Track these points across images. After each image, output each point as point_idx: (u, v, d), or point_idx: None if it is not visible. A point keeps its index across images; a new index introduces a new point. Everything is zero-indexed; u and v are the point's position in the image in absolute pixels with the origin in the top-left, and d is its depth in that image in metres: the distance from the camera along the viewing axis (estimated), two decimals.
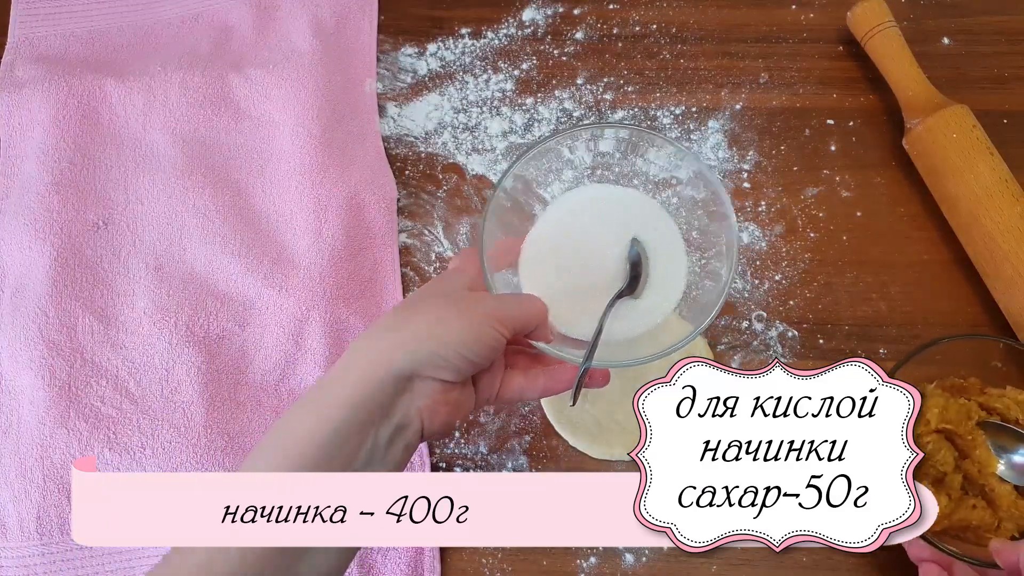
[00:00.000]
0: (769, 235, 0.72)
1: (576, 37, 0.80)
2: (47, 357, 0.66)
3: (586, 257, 0.55)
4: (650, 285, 0.55)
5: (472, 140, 0.77)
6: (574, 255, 0.56)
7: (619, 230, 0.56)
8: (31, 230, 0.71)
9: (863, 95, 0.77)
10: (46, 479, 0.64)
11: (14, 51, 0.80)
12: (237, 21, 0.81)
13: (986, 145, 0.69)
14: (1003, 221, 0.65)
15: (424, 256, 0.73)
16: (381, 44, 0.81)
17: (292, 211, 0.72)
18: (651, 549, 0.63)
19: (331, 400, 0.44)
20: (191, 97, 0.76)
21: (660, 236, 0.57)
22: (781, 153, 0.75)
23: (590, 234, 0.56)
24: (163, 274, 0.70)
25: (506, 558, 0.63)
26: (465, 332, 0.45)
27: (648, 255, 0.55)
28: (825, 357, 0.68)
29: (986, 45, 0.79)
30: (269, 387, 0.67)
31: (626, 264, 0.55)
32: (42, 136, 0.74)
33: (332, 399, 0.44)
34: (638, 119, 0.77)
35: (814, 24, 0.80)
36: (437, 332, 0.45)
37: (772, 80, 0.78)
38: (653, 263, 0.55)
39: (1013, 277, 0.65)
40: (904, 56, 0.73)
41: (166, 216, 0.72)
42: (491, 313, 0.46)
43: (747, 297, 0.70)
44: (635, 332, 0.54)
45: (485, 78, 0.79)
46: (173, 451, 0.64)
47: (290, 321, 0.68)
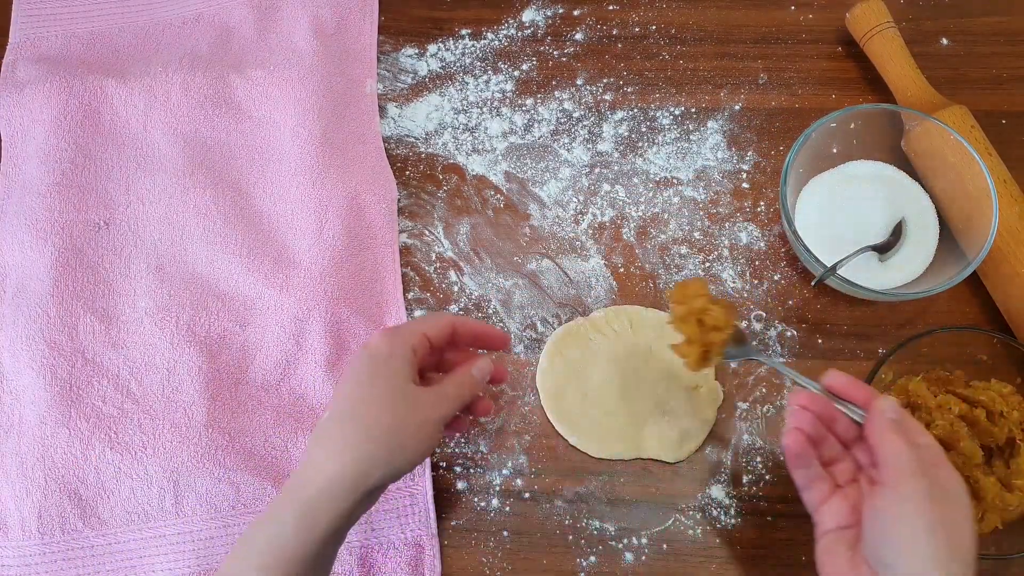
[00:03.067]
0: (768, 235, 0.72)
1: (576, 38, 0.81)
2: (48, 357, 0.67)
3: (855, 213, 0.69)
4: (900, 253, 0.68)
5: (472, 141, 0.77)
6: (847, 207, 0.69)
7: (890, 201, 0.69)
8: (33, 230, 0.71)
9: (862, 96, 0.77)
10: (47, 478, 0.64)
11: (15, 51, 0.81)
12: (238, 22, 0.81)
13: (985, 145, 0.69)
14: (1001, 221, 0.65)
15: (424, 256, 0.73)
16: (382, 45, 0.81)
17: (293, 211, 0.72)
18: (651, 548, 0.63)
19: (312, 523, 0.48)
20: (192, 98, 0.76)
21: (920, 215, 0.69)
22: (780, 153, 0.75)
23: (867, 197, 0.69)
24: (164, 274, 0.70)
25: (506, 557, 0.64)
26: (420, 449, 0.51)
27: (907, 230, 0.68)
28: (824, 357, 0.69)
29: (985, 46, 0.79)
30: (270, 386, 0.67)
31: (888, 228, 0.68)
32: (43, 136, 0.74)
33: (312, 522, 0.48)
34: (637, 120, 0.77)
35: (813, 25, 0.80)
36: (396, 459, 0.50)
37: (771, 81, 0.78)
38: (908, 236, 0.68)
39: (1011, 276, 0.66)
40: (903, 57, 0.74)
41: (167, 216, 0.73)
42: (439, 419, 0.52)
43: (746, 297, 0.70)
44: (873, 284, 0.65)
45: (485, 79, 0.79)
46: (174, 450, 0.64)
47: (291, 321, 0.68)
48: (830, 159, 0.71)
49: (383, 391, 0.51)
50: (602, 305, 0.71)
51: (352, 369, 0.53)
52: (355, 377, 0.52)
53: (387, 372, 0.52)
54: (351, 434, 0.50)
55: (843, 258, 0.64)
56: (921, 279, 0.68)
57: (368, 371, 0.52)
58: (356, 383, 0.52)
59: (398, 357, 0.52)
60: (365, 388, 0.51)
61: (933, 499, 0.46)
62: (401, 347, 0.53)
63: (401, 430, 0.50)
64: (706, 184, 0.74)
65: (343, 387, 0.53)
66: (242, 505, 0.64)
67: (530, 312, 0.71)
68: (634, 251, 0.72)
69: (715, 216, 0.73)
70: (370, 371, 0.52)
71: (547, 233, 0.73)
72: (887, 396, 0.51)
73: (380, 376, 0.52)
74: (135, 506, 0.64)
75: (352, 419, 0.50)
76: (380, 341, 0.53)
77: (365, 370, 0.52)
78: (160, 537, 0.63)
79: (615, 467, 0.66)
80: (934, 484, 0.47)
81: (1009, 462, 0.61)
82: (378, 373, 0.52)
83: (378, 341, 0.53)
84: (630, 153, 0.76)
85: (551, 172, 0.76)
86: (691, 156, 0.75)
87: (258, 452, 0.65)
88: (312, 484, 0.49)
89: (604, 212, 0.74)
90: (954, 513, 0.47)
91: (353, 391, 0.52)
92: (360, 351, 0.54)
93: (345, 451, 0.49)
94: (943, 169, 0.68)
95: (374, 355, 0.52)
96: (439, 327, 0.55)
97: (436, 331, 0.55)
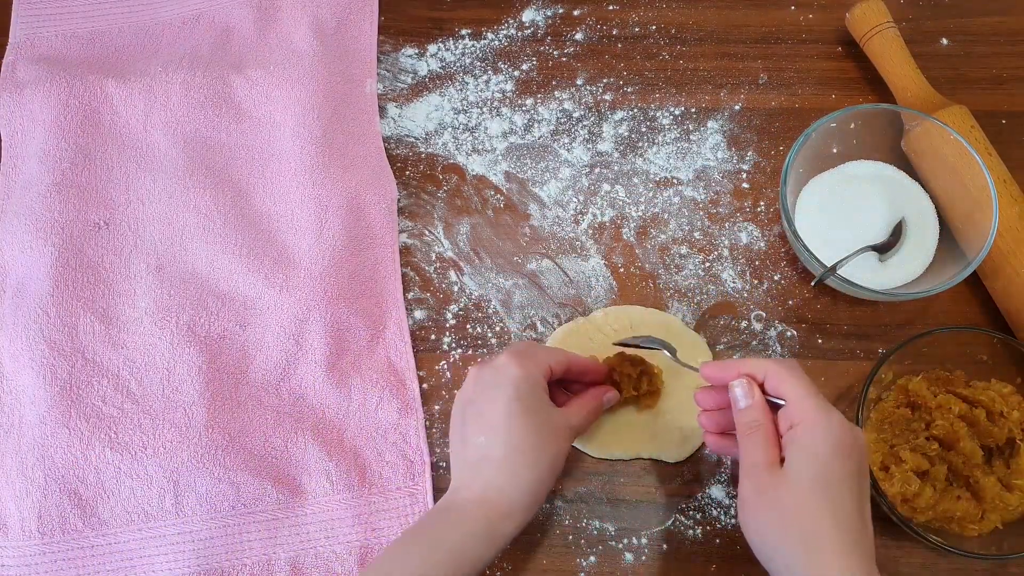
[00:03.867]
0: (768, 235, 0.72)
1: (576, 38, 0.81)
2: (48, 357, 0.67)
3: (855, 213, 0.69)
4: (900, 253, 0.68)
5: (472, 141, 0.77)
6: (847, 207, 0.69)
7: (890, 201, 0.69)
8: (33, 230, 0.71)
9: (862, 96, 0.77)
10: (47, 478, 0.64)
11: (15, 51, 0.81)
12: (238, 22, 0.81)
13: (984, 145, 0.69)
14: (1002, 221, 0.65)
15: (424, 256, 0.73)
16: (381, 45, 0.81)
17: (293, 211, 0.72)
18: (651, 548, 0.63)
19: (499, 535, 0.55)
20: (192, 98, 0.76)
21: (920, 215, 0.69)
22: (780, 153, 0.75)
23: (867, 197, 0.69)
24: (164, 274, 0.70)
25: (506, 556, 0.64)
26: (554, 476, 0.57)
27: (907, 230, 0.68)
28: (824, 357, 0.69)
29: (985, 46, 0.79)
30: (270, 386, 0.67)
31: (888, 228, 0.68)
32: (43, 136, 0.74)
33: (499, 534, 0.55)
34: (637, 120, 0.77)
35: (813, 25, 0.80)
36: (554, 482, 0.57)
37: (771, 81, 0.78)
38: (908, 236, 0.68)
39: (1012, 277, 0.66)
40: (903, 57, 0.74)
41: (167, 216, 0.73)
42: (570, 436, 0.59)
43: (746, 297, 0.70)
44: (873, 283, 0.66)
45: (485, 79, 0.79)
46: (174, 450, 0.64)
47: (291, 321, 0.68)
48: (830, 159, 0.71)
49: (537, 427, 0.56)
50: (602, 305, 0.71)
51: (500, 397, 0.56)
52: (507, 409, 0.56)
53: (534, 405, 0.57)
54: (519, 469, 0.55)
55: (843, 258, 0.64)
56: (921, 279, 0.68)
57: (519, 406, 0.56)
58: (510, 416, 0.56)
59: (538, 387, 0.57)
60: (520, 421, 0.56)
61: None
62: (537, 376, 0.57)
63: (557, 461, 0.57)
64: (706, 184, 0.74)
65: (494, 414, 0.56)
66: (242, 505, 0.64)
67: (530, 312, 0.71)
68: (634, 251, 0.72)
69: (715, 216, 0.73)
70: (521, 407, 0.56)
71: (547, 233, 0.73)
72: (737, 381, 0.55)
73: (531, 413, 0.56)
74: (135, 506, 0.64)
75: (519, 454, 0.55)
76: (518, 370, 0.57)
77: (516, 405, 0.56)
78: (160, 537, 0.63)
79: (615, 467, 0.66)
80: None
81: (1009, 462, 0.61)
82: (528, 409, 0.56)
83: (516, 370, 0.57)
84: (630, 153, 0.76)
85: (551, 172, 0.76)
86: (691, 156, 0.76)
87: (258, 452, 0.65)
88: (498, 506, 0.55)
89: (604, 212, 0.74)
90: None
91: (512, 425, 0.56)
92: (495, 374, 0.57)
93: (520, 483, 0.55)
94: (943, 169, 0.68)
95: (518, 387, 0.56)
96: (560, 363, 0.60)
97: (558, 367, 0.60)
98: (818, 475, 0.49)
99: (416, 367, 0.69)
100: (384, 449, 0.66)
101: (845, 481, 0.49)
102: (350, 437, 0.66)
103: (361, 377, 0.68)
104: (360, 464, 0.65)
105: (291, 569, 0.63)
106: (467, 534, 0.54)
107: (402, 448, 0.66)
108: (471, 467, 0.57)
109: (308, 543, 0.63)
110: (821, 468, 0.49)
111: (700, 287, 0.71)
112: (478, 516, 0.54)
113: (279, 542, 0.63)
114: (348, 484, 0.64)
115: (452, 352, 0.70)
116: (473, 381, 0.59)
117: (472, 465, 0.57)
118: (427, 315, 0.71)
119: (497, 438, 0.56)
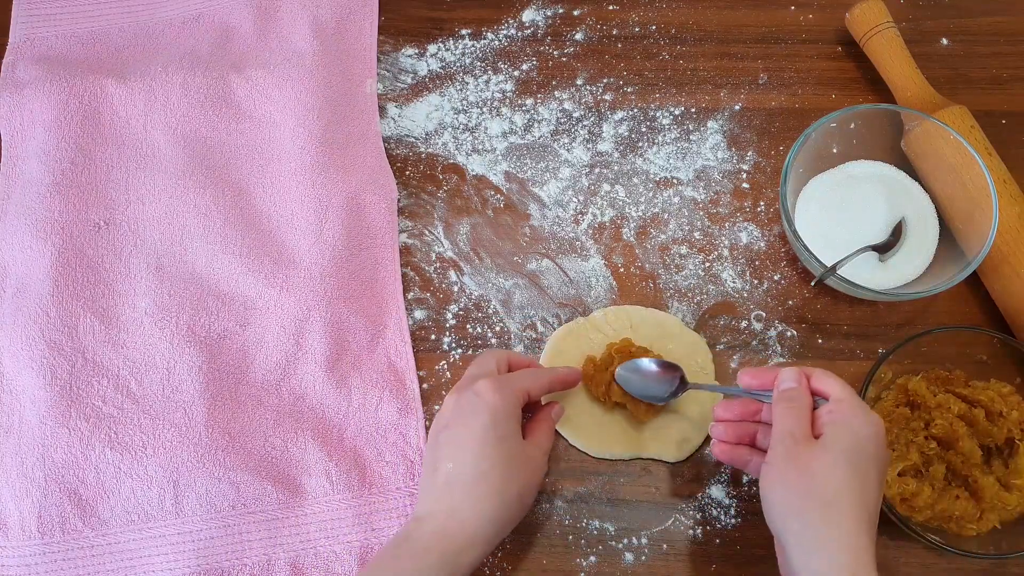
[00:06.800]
0: (768, 235, 0.73)
1: (576, 38, 0.81)
2: (48, 357, 0.67)
3: (855, 213, 0.69)
4: (900, 253, 0.68)
5: (472, 141, 0.77)
6: (847, 207, 0.69)
7: (890, 201, 0.69)
8: (33, 230, 0.71)
9: (862, 96, 0.77)
10: (47, 478, 0.64)
11: (15, 51, 0.81)
12: (238, 22, 0.81)
13: (984, 145, 0.69)
14: (1002, 221, 0.65)
15: (424, 256, 0.73)
16: (381, 45, 0.81)
17: (293, 211, 0.72)
18: (651, 548, 0.63)
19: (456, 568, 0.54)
20: (192, 98, 0.76)
21: (920, 215, 0.69)
22: (780, 153, 0.75)
23: (867, 197, 0.69)
24: (164, 274, 0.70)
25: (506, 556, 0.64)
26: (533, 500, 0.59)
27: (907, 230, 0.68)
28: (824, 357, 0.69)
29: (985, 46, 0.79)
30: (270, 386, 0.67)
31: (888, 228, 0.68)
32: (43, 136, 0.74)
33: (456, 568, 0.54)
34: (637, 120, 0.77)
35: (813, 25, 0.80)
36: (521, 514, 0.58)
37: (771, 81, 0.78)
38: (908, 236, 0.68)
39: (1011, 277, 0.66)
40: (903, 57, 0.74)
41: (167, 216, 0.73)
42: (544, 463, 0.60)
43: (746, 297, 0.70)
44: (873, 283, 0.66)
45: (485, 79, 0.79)
46: (174, 450, 0.64)
47: (291, 321, 0.68)
48: (830, 159, 0.71)
49: (508, 456, 0.56)
50: (602, 305, 0.71)
51: (474, 424, 0.56)
52: (481, 435, 0.56)
53: (506, 434, 0.57)
54: (484, 497, 0.55)
55: (843, 258, 0.65)
56: (921, 279, 0.68)
57: (493, 434, 0.56)
58: (482, 443, 0.56)
59: (513, 418, 0.58)
60: (491, 449, 0.56)
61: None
62: (514, 406, 0.58)
63: (525, 493, 0.57)
64: (706, 184, 0.74)
65: (467, 439, 0.56)
66: (242, 505, 0.64)
67: (530, 312, 0.71)
68: (634, 251, 0.72)
69: (715, 216, 0.73)
70: (495, 434, 0.56)
71: (547, 233, 0.73)
72: (788, 369, 0.56)
73: (503, 440, 0.56)
74: (135, 506, 0.64)
75: (486, 481, 0.55)
76: (495, 398, 0.57)
77: (490, 433, 0.56)
78: (160, 537, 0.63)
79: (615, 467, 0.66)
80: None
81: (1008, 462, 0.61)
82: (501, 437, 0.56)
83: (494, 398, 0.57)
84: (630, 153, 0.76)
85: (551, 172, 0.76)
86: (691, 156, 0.76)
87: (258, 452, 0.65)
88: (456, 539, 0.54)
89: (604, 212, 0.74)
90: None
91: (482, 452, 0.56)
92: (473, 401, 0.57)
93: (483, 511, 0.55)
94: (943, 169, 0.68)
95: (495, 414, 0.56)
96: (541, 386, 0.60)
97: (538, 390, 0.60)
98: (852, 448, 0.50)
99: (416, 367, 0.69)
100: (384, 449, 0.66)
101: (874, 463, 0.51)
102: (350, 437, 0.66)
103: (361, 377, 0.68)
104: (360, 464, 0.65)
105: (291, 569, 0.63)
106: (424, 568, 0.53)
107: (402, 448, 0.66)
108: (438, 491, 0.56)
109: (308, 543, 0.63)
110: (856, 443, 0.50)
111: (700, 287, 0.71)
112: (434, 550, 0.54)
113: (279, 542, 0.63)
114: (348, 484, 0.64)
115: (452, 352, 0.70)
116: (451, 407, 0.58)
117: (439, 489, 0.56)
118: (427, 315, 0.71)
119: (466, 464, 0.56)
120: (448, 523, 0.55)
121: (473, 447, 0.56)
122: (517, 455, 0.57)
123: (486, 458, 0.55)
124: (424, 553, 0.54)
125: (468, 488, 0.55)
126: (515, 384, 0.58)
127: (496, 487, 0.55)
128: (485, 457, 0.55)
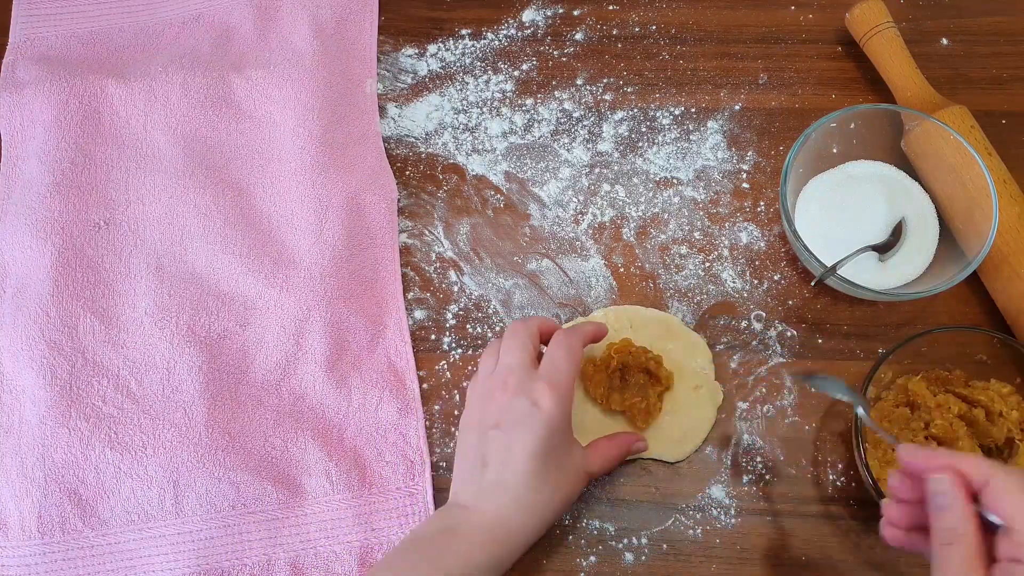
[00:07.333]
0: (768, 235, 0.72)
1: (576, 38, 0.81)
2: (48, 357, 0.67)
3: (855, 213, 0.69)
4: (900, 253, 0.68)
5: (472, 141, 0.77)
6: (847, 207, 0.69)
7: (890, 201, 0.69)
8: (33, 230, 0.71)
9: (862, 96, 0.77)
10: (47, 478, 0.64)
11: (15, 51, 0.81)
12: (238, 22, 0.81)
13: (984, 145, 0.69)
14: (1002, 221, 0.65)
15: (424, 256, 0.73)
16: (381, 45, 0.81)
17: (293, 211, 0.72)
18: (651, 548, 0.63)
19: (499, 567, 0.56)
20: (192, 98, 0.76)
21: (920, 215, 0.69)
22: (780, 153, 0.75)
23: (867, 197, 0.69)
24: (164, 274, 0.70)
25: None
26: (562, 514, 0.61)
27: (907, 230, 0.68)
28: (824, 357, 0.69)
29: (985, 46, 0.79)
30: (270, 386, 0.67)
31: (888, 228, 0.68)
32: (43, 136, 0.75)
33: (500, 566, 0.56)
34: (637, 120, 0.77)
35: (813, 25, 0.80)
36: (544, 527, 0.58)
37: (771, 81, 0.78)
38: (908, 236, 0.68)
39: (1011, 277, 0.66)
40: (903, 57, 0.74)
41: (167, 216, 0.73)
42: (586, 479, 0.61)
43: (746, 297, 0.70)
44: (873, 283, 0.66)
45: (485, 79, 0.79)
46: (174, 450, 0.64)
47: (291, 321, 0.68)
48: (830, 159, 0.71)
49: (561, 466, 0.58)
50: (602, 305, 0.71)
51: (529, 435, 0.56)
52: (535, 448, 0.56)
53: (560, 443, 0.58)
54: (532, 511, 0.57)
55: (843, 258, 0.65)
56: (921, 279, 0.68)
57: (548, 445, 0.56)
58: (536, 457, 0.56)
59: (568, 425, 0.58)
60: (543, 465, 0.56)
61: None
62: (570, 411, 0.58)
63: (569, 499, 0.59)
64: (706, 184, 0.74)
65: (521, 451, 0.56)
66: (242, 505, 0.64)
67: (530, 312, 0.71)
68: (634, 251, 0.72)
69: (715, 216, 0.73)
70: (550, 445, 0.57)
71: (547, 233, 0.73)
72: (939, 477, 0.45)
73: (555, 450, 0.57)
74: (135, 506, 0.64)
75: (536, 495, 0.56)
76: (555, 411, 0.57)
77: (546, 444, 0.56)
78: (160, 537, 0.63)
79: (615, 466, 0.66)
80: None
81: (1008, 462, 0.61)
82: (555, 447, 0.57)
83: (552, 409, 0.56)
84: (630, 153, 0.76)
85: (551, 172, 0.76)
86: (691, 156, 0.76)
87: (258, 452, 0.65)
88: (504, 545, 0.56)
89: (604, 212, 0.74)
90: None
91: (536, 466, 0.56)
92: (530, 410, 0.56)
93: (529, 524, 0.57)
94: (943, 169, 0.68)
95: (551, 427, 0.56)
96: (579, 359, 0.60)
97: (578, 364, 0.60)
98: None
99: (416, 367, 0.69)
100: (384, 449, 0.66)
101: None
102: (350, 437, 0.66)
103: (361, 377, 0.68)
104: (360, 464, 0.65)
105: (291, 569, 0.63)
106: (472, 566, 0.54)
107: (402, 448, 0.66)
108: (486, 488, 0.57)
109: (308, 543, 0.63)
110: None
111: (700, 287, 0.71)
112: (486, 545, 0.55)
113: (279, 542, 0.63)
114: (348, 484, 0.64)
115: (452, 352, 0.70)
116: (505, 405, 0.57)
117: (487, 486, 0.57)
118: (427, 315, 0.71)
119: (518, 473, 0.56)
120: (498, 523, 0.56)
121: (527, 459, 0.56)
122: (567, 465, 0.58)
123: (539, 473, 0.56)
124: (476, 549, 0.55)
125: (518, 497, 0.56)
126: (568, 382, 0.58)
127: (544, 501, 0.57)
128: (537, 474, 0.56)
